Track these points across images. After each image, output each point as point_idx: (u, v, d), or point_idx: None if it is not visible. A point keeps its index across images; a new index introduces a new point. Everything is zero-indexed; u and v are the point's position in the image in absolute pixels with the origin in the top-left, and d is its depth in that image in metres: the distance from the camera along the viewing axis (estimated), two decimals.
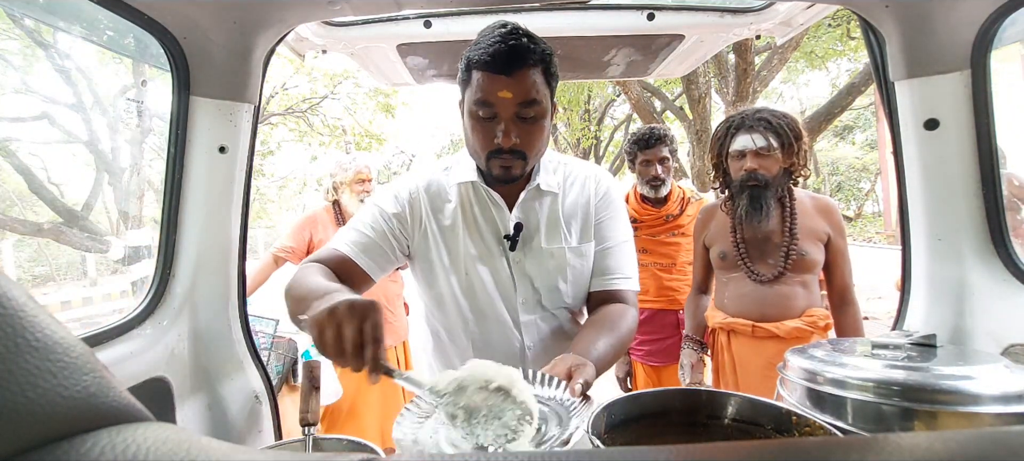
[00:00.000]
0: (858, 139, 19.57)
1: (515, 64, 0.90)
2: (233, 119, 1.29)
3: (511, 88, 0.90)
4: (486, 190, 1.03)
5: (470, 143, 0.99)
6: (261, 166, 12.63)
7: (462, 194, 1.04)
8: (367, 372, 0.70)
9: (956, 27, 1.15)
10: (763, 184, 1.59)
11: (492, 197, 1.03)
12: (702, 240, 1.82)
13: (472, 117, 0.95)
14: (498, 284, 1.04)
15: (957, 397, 0.76)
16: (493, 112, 0.93)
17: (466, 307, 1.07)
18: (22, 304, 0.25)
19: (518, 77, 0.91)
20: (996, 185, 1.20)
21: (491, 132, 0.94)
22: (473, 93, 0.93)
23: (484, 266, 1.03)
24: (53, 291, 10.34)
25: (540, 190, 1.05)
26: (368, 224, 1.04)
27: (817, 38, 8.10)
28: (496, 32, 0.92)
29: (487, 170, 0.99)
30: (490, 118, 0.93)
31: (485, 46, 0.91)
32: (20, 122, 7.36)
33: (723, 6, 1.52)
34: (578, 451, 0.29)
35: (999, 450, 0.29)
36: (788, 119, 1.62)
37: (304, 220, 2.58)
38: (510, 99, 0.91)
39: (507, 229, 1.03)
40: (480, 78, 0.91)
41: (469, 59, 0.93)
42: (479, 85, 0.92)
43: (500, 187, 1.03)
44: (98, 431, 0.25)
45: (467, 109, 0.96)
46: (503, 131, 0.93)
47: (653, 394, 0.87)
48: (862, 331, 1.61)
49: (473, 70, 0.93)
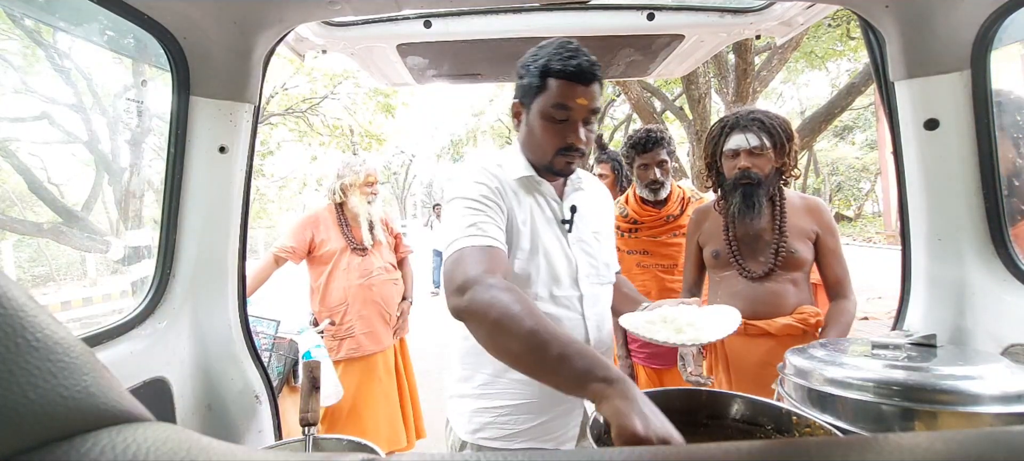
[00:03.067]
0: (858, 139, 19.58)
1: (590, 77, 1.06)
2: (233, 119, 1.29)
3: (586, 96, 1.06)
4: (539, 182, 1.17)
5: (538, 140, 1.12)
6: (261, 166, 12.63)
7: (520, 187, 1.16)
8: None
9: (956, 27, 1.15)
10: (756, 182, 1.63)
11: (547, 189, 1.18)
12: (696, 240, 1.84)
13: (547, 118, 1.09)
14: (566, 262, 1.17)
15: (957, 397, 0.76)
16: (568, 115, 1.07)
17: (542, 283, 1.15)
18: (22, 304, 0.25)
19: (592, 88, 1.07)
20: (996, 185, 1.20)
21: (563, 133, 1.09)
22: (551, 98, 1.07)
23: (552, 247, 1.15)
24: (53, 291, 10.34)
25: (575, 184, 1.23)
26: (490, 213, 1.08)
27: (817, 38, 8.10)
28: (569, 47, 1.07)
29: (550, 165, 1.14)
30: (563, 120, 1.08)
31: (565, 59, 1.05)
32: (20, 122, 7.36)
33: (723, 6, 1.52)
34: (578, 451, 0.29)
35: (999, 450, 0.29)
36: (780, 120, 1.67)
37: (306, 220, 2.56)
38: (584, 105, 1.07)
39: (563, 214, 1.19)
40: (560, 85, 1.06)
41: (547, 67, 1.06)
42: (559, 91, 1.06)
43: (550, 181, 1.19)
44: (98, 431, 0.25)
45: (540, 111, 1.09)
46: (575, 132, 1.09)
47: (653, 394, 0.87)
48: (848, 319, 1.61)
49: (551, 78, 1.06)
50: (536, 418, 1.12)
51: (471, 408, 1.16)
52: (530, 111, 1.12)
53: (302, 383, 1.12)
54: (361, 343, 2.47)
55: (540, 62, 1.07)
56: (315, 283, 2.52)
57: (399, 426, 2.60)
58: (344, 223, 2.55)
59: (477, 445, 1.14)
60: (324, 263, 2.49)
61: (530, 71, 1.09)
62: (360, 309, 2.47)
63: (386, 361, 2.58)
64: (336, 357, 2.45)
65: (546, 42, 1.11)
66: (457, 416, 1.20)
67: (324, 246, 2.48)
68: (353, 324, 2.46)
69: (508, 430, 1.12)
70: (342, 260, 2.49)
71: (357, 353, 2.46)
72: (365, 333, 2.48)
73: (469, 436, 1.15)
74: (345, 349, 2.46)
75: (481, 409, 1.15)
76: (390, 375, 2.60)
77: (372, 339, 2.50)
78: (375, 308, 2.52)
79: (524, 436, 1.12)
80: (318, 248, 2.48)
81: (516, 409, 1.12)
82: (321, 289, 2.48)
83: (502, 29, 1.50)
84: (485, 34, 1.51)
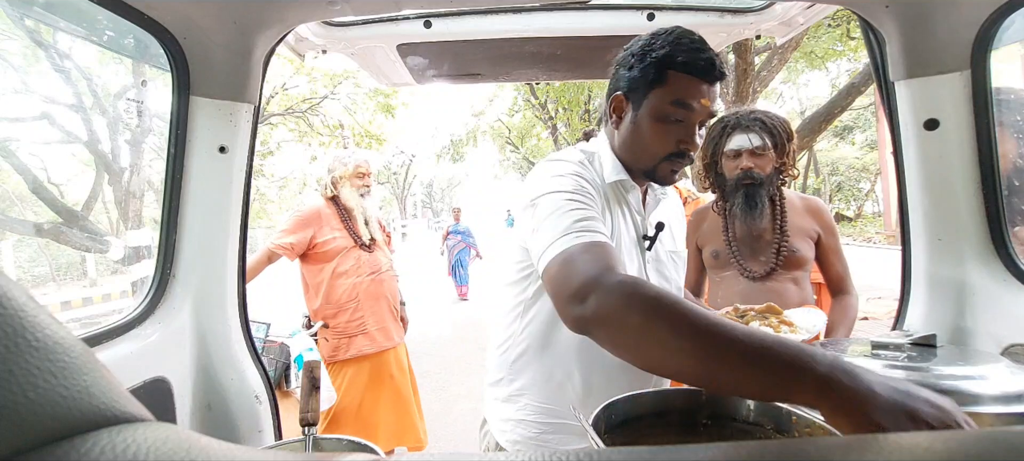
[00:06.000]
0: (858, 139, 19.57)
1: (719, 75, 0.93)
2: (233, 119, 1.29)
3: (710, 97, 0.93)
4: (630, 189, 1.03)
5: (646, 141, 0.97)
6: (261, 166, 12.63)
7: (608, 192, 1.02)
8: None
9: (956, 27, 1.15)
10: (758, 182, 1.63)
11: (634, 198, 1.04)
12: (695, 241, 1.84)
13: (661, 118, 0.94)
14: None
15: (957, 397, 0.76)
16: (687, 116, 0.93)
17: None
18: (22, 304, 0.25)
19: (715, 88, 0.94)
20: (996, 185, 1.20)
21: (675, 135, 0.94)
22: (672, 94, 0.92)
23: (628, 266, 1.01)
24: (53, 291, 10.35)
25: (659, 196, 1.08)
26: (592, 206, 0.91)
27: (817, 38, 8.10)
28: (693, 38, 0.93)
29: (653, 171, 0.99)
30: (679, 121, 0.94)
31: (692, 51, 0.91)
32: (20, 122, 7.36)
33: (723, 6, 1.52)
34: (578, 451, 0.29)
35: (999, 450, 0.29)
36: (781, 120, 1.68)
37: (306, 216, 2.46)
38: (706, 107, 0.93)
39: (645, 229, 1.04)
40: (684, 81, 0.92)
41: (669, 59, 0.91)
42: (681, 87, 0.92)
43: (640, 186, 1.05)
44: (98, 431, 0.25)
45: (655, 108, 0.94)
46: (691, 136, 0.94)
47: (653, 394, 0.87)
48: (853, 314, 1.62)
49: (672, 70, 0.92)
50: (580, 441, 1.00)
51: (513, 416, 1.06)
52: (640, 107, 0.96)
53: (302, 383, 1.12)
54: (375, 338, 2.46)
55: (660, 52, 0.92)
56: (314, 280, 2.46)
57: (413, 424, 2.58)
58: (345, 218, 2.51)
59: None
60: (326, 260, 2.44)
61: (644, 61, 0.94)
62: (372, 305, 2.45)
63: (397, 358, 2.57)
64: (345, 355, 2.42)
65: (659, 30, 0.95)
66: (497, 420, 1.10)
67: (327, 244, 2.43)
68: (366, 320, 2.44)
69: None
70: (350, 257, 2.45)
71: (370, 349, 2.45)
72: (378, 329, 2.47)
73: (510, 445, 1.06)
74: (355, 346, 2.43)
75: (524, 421, 1.04)
76: (403, 372, 2.59)
77: (384, 334, 2.49)
78: (385, 303, 2.52)
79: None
80: (320, 246, 2.43)
81: (559, 429, 1.01)
82: (323, 286, 2.43)
83: (502, 29, 1.50)
84: (485, 34, 1.51)
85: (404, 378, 2.59)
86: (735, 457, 0.30)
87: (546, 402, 1.02)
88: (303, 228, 2.43)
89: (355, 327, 2.43)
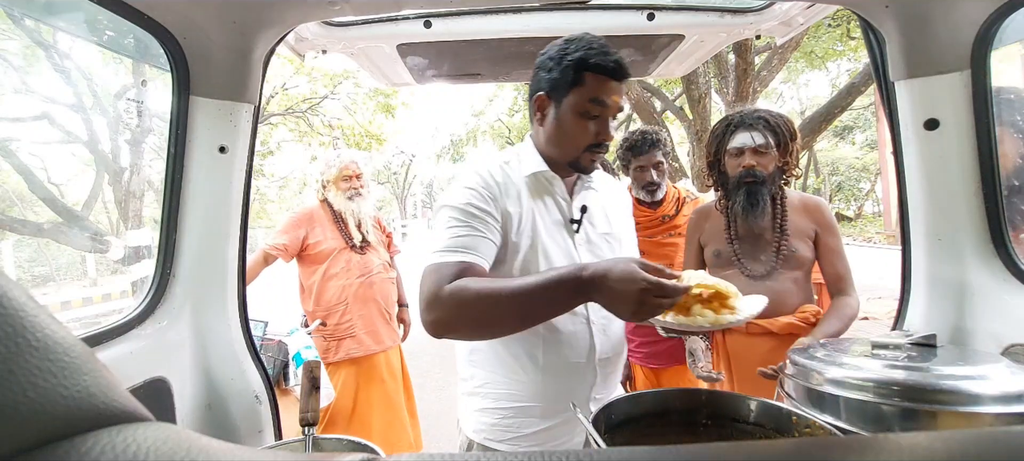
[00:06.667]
0: (858, 139, 19.56)
1: (625, 74, 1.07)
2: (233, 119, 1.29)
3: (619, 93, 1.08)
4: (551, 180, 1.15)
5: (568, 135, 1.10)
6: (261, 166, 12.64)
7: (530, 184, 1.14)
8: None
9: (956, 27, 1.15)
10: (760, 180, 1.63)
11: (558, 187, 1.16)
12: (697, 240, 1.84)
13: (581, 114, 1.07)
14: (570, 263, 1.14)
15: (957, 397, 0.76)
16: (602, 111, 1.07)
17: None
18: (22, 304, 0.25)
19: (623, 85, 1.08)
20: (996, 185, 1.20)
21: (593, 129, 1.08)
22: (588, 92, 1.06)
23: (556, 247, 1.13)
24: (53, 291, 10.34)
25: (588, 184, 1.20)
26: (474, 225, 1.07)
27: (817, 38, 8.11)
28: (601, 42, 1.07)
29: (576, 161, 1.12)
30: (596, 116, 1.07)
31: (602, 54, 1.04)
32: (20, 122, 7.36)
33: (723, 6, 1.52)
34: (578, 451, 0.29)
35: (999, 450, 0.29)
36: (784, 119, 1.68)
37: (299, 217, 2.49)
38: (617, 102, 1.08)
39: (572, 214, 1.16)
40: (597, 80, 1.05)
41: (584, 62, 1.04)
42: (597, 86, 1.05)
43: (564, 177, 1.17)
44: (98, 431, 0.25)
45: (575, 106, 1.07)
46: (607, 129, 1.09)
47: (653, 394, 0.87)
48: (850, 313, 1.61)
49: (587, 72, 1.05)
50: (539, 423, 1.10)
51: (476, 407, 1.15)
52: (560, 105, 1.09)
53: (302, 383, 1.12)
54: (362, 341, 2.44)
55: (574, 56, 1.05)
56: (308, 282, 2.47)
57: (403, 431, 2.55)
58: (338, 220, 2.50)
59: (483, 445, 1.13)
60: (318, 262, 2.44)
61: (561, 64, 1.06)
62: (360, 308, 2.44)
63: (388, 362, 2.54)
64: (335, 358, 2.42)
65: (570, 36, 1.09)
66: (464, 415, 1.19)
67: (319, 245, 2.43)
68: (354, 323, 2.43)
69: (511, 434, 1.11)
70: (340, 258, 2.45)
71: (358, 352, 2.43)
72: (367, 332, 2.45)
73: (475, 435, 1.15)
74: (344, 349, 2.42)
75: (485, 409, 1.14)
76: (394, 378, 2.56)
77: (374, 337, 2.47)
78: (375, 306, 2.49)
79: (528, 441, 1.11)
80: (312, 247, 2.44)
81: (518, 412, 1.11)
82: (315, 288, 2.43)
83: (502, 29, 1.50)
84: (485, 34, 1.51)
85: (395, 384, 2.56)
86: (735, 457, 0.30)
87: (504, 388, 1.12)
88: (295, 229, 2.44)
89: (343, 330, 2.42)
